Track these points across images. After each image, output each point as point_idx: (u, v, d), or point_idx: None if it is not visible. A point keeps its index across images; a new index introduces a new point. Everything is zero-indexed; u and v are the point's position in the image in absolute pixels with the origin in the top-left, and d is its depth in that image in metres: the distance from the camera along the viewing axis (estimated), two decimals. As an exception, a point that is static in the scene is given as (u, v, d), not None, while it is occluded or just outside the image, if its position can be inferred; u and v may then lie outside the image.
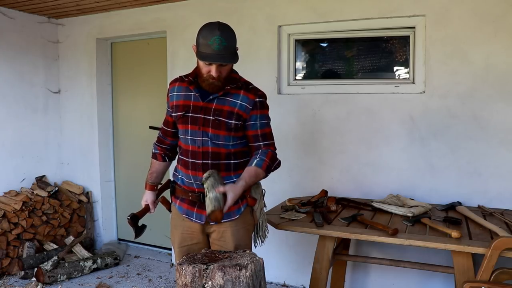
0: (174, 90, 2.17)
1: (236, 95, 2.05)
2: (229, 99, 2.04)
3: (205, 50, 1.91)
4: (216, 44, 1.88)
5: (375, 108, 3.20)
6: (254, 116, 2.07)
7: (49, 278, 3.55)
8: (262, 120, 2.10)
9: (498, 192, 2.88)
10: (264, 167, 2.03)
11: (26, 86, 4.27)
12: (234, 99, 2.05)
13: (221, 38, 1.89)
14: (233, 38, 1.96)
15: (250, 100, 2.05)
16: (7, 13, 4.03)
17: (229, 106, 2.04)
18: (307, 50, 3.61)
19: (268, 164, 2.05)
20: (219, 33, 1.89)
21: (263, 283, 1.88)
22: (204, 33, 1.92)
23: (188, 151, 2.09)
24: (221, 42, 1.89)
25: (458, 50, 2.93)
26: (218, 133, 2.04)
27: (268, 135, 2.13)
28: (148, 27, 4.01)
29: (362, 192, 3.23)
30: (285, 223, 2.51)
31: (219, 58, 1.91)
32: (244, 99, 2.05)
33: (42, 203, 4.01)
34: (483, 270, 2.07)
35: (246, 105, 2.05)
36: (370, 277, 3.30)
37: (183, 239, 2.16)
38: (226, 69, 2.00)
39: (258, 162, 2.03)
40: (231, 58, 1.95)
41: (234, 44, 1.96)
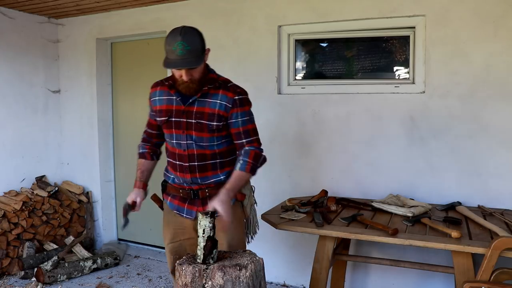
0: (156, 94, 2.20)
1: (215, 95, 2.07)
2: (209, 100, 2.07)
3: (170, 56, 1.95)
4: (179, 49, 1.92)
5: (375, 108, 3.20)
6: (235, 114, 2.09)
7: (49, 278, 3.55)
8: (243, 117, 2.11)
9: (498, 192, 2.88)
10: (247, 169, 2.05)
11: (26, 86, 4.27)
12: (214, 100, 2.07)
13: (183, 43, 1.92)
14: (197, 41, 1.98)
15: (229, 98, 2.07)
16: (7, 13, 4.03)
17: (209, 108, 2.06)
18: (307, 50, 3.61)
19: (251, 164, 2.06)
20: (181, 38, 1.92)
21: (263, 283, 1.88)
22: (168, 39, 1.96)
23: (175, 154, 2.15)
24: (184, 47, 1.92)
25: (458, 50, 2.93)
26: (202, 135, 2.08)
27: (251, 131, 2.13)
28: (148, 27, 4.01)
29: (362, 192, 3.23)
30: (285, 223, 2.51)
31: (182, 63, 1.94)
32: (223, 98, 2.07)
33: (42, 203, 4.01)
34: (483, 270, 2.07)
35: (225, 104, 2.07)
36: (370, 277, 3.30)
37: (175, 235, 2.21)
38: (197, 71, 2.02)
39: (241, 165, 2.06)
40: (195, 61, 1.96)
41: (199, 46, 1.98)
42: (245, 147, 2.11)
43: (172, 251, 2.21)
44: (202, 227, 1.81)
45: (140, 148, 2.35)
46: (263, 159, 2.14)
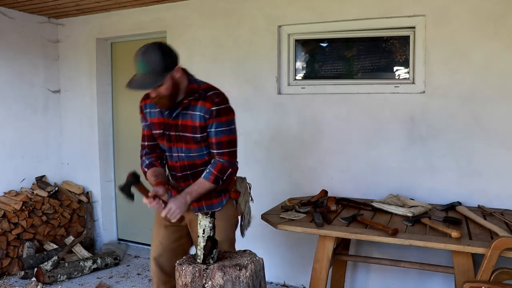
0: (147, 107, 2.23)
1: (195, 107, 2.07)
2: (191, 113, 2.08)
3: (134, 75, 1.96)
4: (140, 69, 1.93)
5: (375, 108, 3.20)
6: (210, 125, 2.08)
7: (49, 278, 3.54)
8: (218, 128, 2.08)
9: (498, 192, 2.88)
10: (211, 179, 2.09)
11: (26, 86, 4.27)
12: (195, 112, 2.07)
13: (143, 62, 1.92)
14: (158, 60, 1.92)
15: (207, 109, 2.06)
16: (7, 13, 4.03)
17: (191, 121, 2.08)
18: (307, 50, 3.61)
19: (215, 176, 2.09)
20: (141, 57, 1.93)
21: (263, 283, 1.88)
22: (134, 57, 1.96)
23: (169, 164, 2.25)
24: (144, 67, 1.92)
25: (458, 50, 2.93)
26: (190, 147, 2.13)
27: (224, 143, 2.10)
28: (148, 27, 4.01)
29: (362, 192, 3.23)
30: (285, 223, 2.51)
31: (138, 85, 1.94)
32: (202, 109, 2.06)
33: (42, 203, 4.01)
34: (483, 270, 2.07)
35: (203, 115, 2.07)
36: (370, 277, 3.30)
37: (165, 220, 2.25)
38: (164, 88, 1.98)
39: (206, 174, 2.10)
40: (153, 82, 1.93)
41: (161, 65, 1.93)
42: (215, 157, 2.12)
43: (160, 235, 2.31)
44: (202, 227, 1.81)
45: (146, 161, 2.28)
46: (230, 172, 2.13)
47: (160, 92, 1.99)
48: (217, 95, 2.08)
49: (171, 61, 1.98)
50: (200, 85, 2.11)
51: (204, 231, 1.81)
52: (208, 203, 2.23)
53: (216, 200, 2.23)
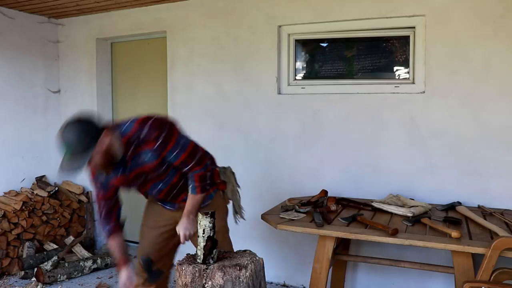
0: (100, 175, 2.17)
1: (141, 153, 2.05)
2: (142, 159, 2.07)
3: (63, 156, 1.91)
4: (65, 151, 1.88)
5: (375, 108, 3.20)
6: (165, 156, 2.08)
7: (49, 278, 3.54)
8: (173, 153, 2.07)
9: (498, 192, 2.88)
10: (198, 191, 2.17)
11: (26, 86, 4.27)
12: (143, 156, 2.06)
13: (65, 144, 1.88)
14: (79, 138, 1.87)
15: (153, 149, 2.04)
16: (7, 13, 4.03)
17: (147, 165, 2.08)
18: (307, 50, 3.61)
19: (199, 186, 2.16)
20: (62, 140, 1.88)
21: (263, 283, 1.88)
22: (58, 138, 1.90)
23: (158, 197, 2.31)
24: (68, 148, 1.87)
25: (458, 50, 2.93)
26: (161, 178, 2.18)
27: (187, 160, 2.11)
28: (148, 27, 4.01)
29: (362, 192, 3.22)
30: (285, 223, 2.51)
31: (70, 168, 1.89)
32: (149, 152, 2.05)
33: (42, 203, 4.01)
34: (483, 270, 2.07)
35: (152, 156, 2.06)
36: (370, 277, 3.30)
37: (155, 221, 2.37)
38: (96, 158, 1.93)
39: (192, 190, 2.17)
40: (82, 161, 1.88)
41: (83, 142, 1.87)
42: (189, 173, 2.16)
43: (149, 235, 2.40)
44: (202, 227, 1.81)
45: (105, 227, 2.27)
46: (209, 175, 2.20)
47: (96, 164, 1.95)
48: (150, 129, 2.02)
49: (92, 134, 1.89)
50: (129, 131, 2.03)
51: (204, 231, 1.81)
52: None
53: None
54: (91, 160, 1.91)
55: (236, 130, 3.65)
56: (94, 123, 1.92)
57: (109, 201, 2.22)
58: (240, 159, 3.61)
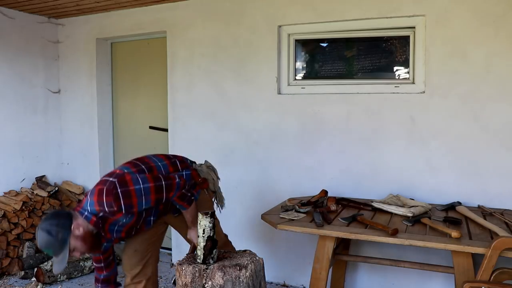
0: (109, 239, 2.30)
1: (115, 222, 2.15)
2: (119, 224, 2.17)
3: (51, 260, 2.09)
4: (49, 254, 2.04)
5: (375, 108, 3.20)
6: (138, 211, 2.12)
7: (49, 278, 3.55)
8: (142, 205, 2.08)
9: (498, 192, 2.88)
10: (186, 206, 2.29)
11: (26, 86, 4.26)
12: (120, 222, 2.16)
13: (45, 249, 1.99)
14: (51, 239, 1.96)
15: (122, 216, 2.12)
16: (7, 13, 4.03)
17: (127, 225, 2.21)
18: (307, 50, 3.61)
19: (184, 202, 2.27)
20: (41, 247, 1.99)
21: (263, 283, 1.88)
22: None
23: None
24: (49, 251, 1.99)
25: (458, 50, 2.93)
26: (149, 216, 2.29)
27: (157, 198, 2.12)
28: (148, 27, 4.01)
29: (362, 192, 3.22)
30: (285, 223, 2.51)
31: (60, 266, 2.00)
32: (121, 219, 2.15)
33: (42, 203, 4.01)
34: (483, 270, 2.07)
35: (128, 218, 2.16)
36: (370, 277, 3.30)
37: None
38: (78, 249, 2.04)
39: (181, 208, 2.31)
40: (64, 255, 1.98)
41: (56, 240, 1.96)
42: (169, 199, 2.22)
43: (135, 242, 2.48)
44: (202, 227, 1.81)
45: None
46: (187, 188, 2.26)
47: (83, 250, 2.05)
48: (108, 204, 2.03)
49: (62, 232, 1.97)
50: (94, 212, 2.06)
51: (204, 231, 1.81)
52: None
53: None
54: (75, 249, 2.02)
55: (236, 130, 3.65)
56: (59, 216, 2.02)
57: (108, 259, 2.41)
58: (240, 159, 3.61)
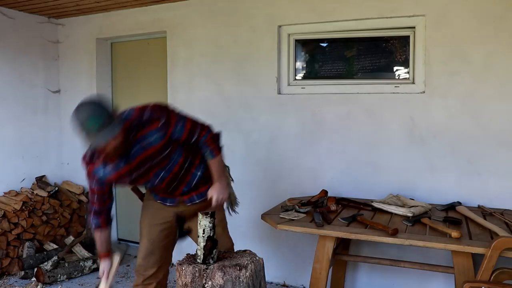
0: (99, 170, 2.14)
1: (146, 136, 2.05)
2: (145, 143, 2.06)
3: (88, 137, 1.86)
4: (92, 127, 1.82)
5: (375, 108, 3.20)
6: (172, 132, 2.09)
7: (49, 278, 3.54)
8: (177, 126, 2.09)
9: (498, 192, 2.88)
10: (215, 153, 2.22)
11: (26, 86, 4.26)
12: (149, 139, 2.06)
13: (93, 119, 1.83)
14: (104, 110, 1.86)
15: (156, 129, 2.05)
16: (7, 13, 4.03)
17: (152, 147, 2.07)
18: (307, 50, 3.61)
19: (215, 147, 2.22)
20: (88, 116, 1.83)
21: (263, 283, 1.88)
22: (76, 122, 1.85)
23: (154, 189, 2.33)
24: (96, 123, 1.82)
25: (458, 50, 2.93)
26: (164, 164, 2.17)
27: (191, 129, 2.15)
28: (148, 27, 4.01)
29: (362, 192, 3.22)
30: (285, 223, 2.51)
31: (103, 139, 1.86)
32: (154, 132, 2.05)
33: (42, 203, 4.01)
34: (483, 270, 2.07)
35: (158, 136, 2.06)
36: (370, 277, 3.30)
37: (153, 219, 2.37)
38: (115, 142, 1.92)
39: (209, 155, 2.22)
40: (113, 130, 1.86)
41: (107, 114, 1.86)
42: (200, 139, 2.19)
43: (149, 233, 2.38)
44: (202, 227, 1.81)
45: (93, 221, 2.28)
46: (217, 135, 2.25)
47: (117, 142, 1.91)
48: (151, 112, 2.05)
49: (112, 109, 1.92)
50: (130, 117, 2.04)
51: (204, 231, 1.81)
52: (197, 193, 2.33)
53: (203, 188, 2.31)
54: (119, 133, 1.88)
55: (236, 130, 3.65)
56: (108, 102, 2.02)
57: (102, 196, 2.24)
58: (240, 159, 3.61)
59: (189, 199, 2.33)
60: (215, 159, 2.23)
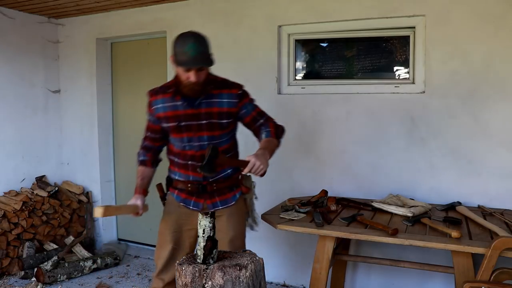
0: (158, 102, 2.22)
1: (220, 95, 2.17)
2: (215, 100, 2.16)
3: (182, 57, 2.02)
4: (192, 50, 2.00)
5: (375, 108, 3.20)
6: (243, 106, 2.21)
7: (49, 278, 3.55)
8: (251, 104, 2.25)
9: (498, 192, 2.88)
10: (273, 135, 2.19)
11: (26, 86, 4.26)
12: (220, 99, 2.17)
13: (195, 44, 2.01)
14: (207, 44, 2.07)
15: (235, 94, 2.19)
16: (7, 13, 4.03)
17: (218, 107, 2.16)
18: (307, 50, 3.61)
19: (274, 132, 2.21)
20: (193, 40, 2.02)
21: (263, 283, 1.88)
22: (179, 42, 2.04)
23: (186, 155, 2.21)
24: (196, 48, 2.00)
25: (458, 50, 2.93)
26: (213, 134, 2.17)
27: (262, 112, 2.28)
28: (148, 27, 4.01)
29: (362, 192, 3.23)
30: (285, 223, 2.51)
31: (196, 62, 2.02)
32: (229, 96, 2.18)
33: (42, 203, 4.01)
34: (483, 270, 2.07)
35: (233, 101, 2.18)
36: (370, 277, 3.30)
37: (178, 225, 2.28)
38: (204, 73, 2.09)
39: (266, 133, 2.20)
40: (207, 62, 2.06)
41: (208, 49, 2.07)
42: (264, 123, 2.23)
43: (173, 240, 2.28)
44: (202, 227, 1.81)
45: (141, 155, 2.36)
46: (282, 128, 2.28)
47: (200, 77, 2.06)
48: (236, 83, 2.25)
49: (210, 47, 2.10)
50: (216, 77, 2.22)
51: (204, 231, 1.81)
52: (222, 198, 2.27)
53: (229, 194, 2.28)
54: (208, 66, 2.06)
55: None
56: None
57: (154, 134, 2.29)
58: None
59: (212, 205, 2.25)
60: (269, 138, 2.18)
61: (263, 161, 1.98)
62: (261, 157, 1.99)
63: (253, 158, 1.97)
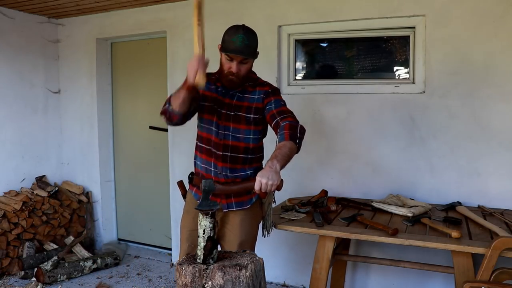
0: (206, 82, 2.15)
1: (253, 92, 2.24)
2: (248, 96, 2.23)
3: (228, 45, 2.11)
4: (239, 41, 2.08)
5: (375, 108, 3.20)
6: (269, 102, 2.21)
7: (49, 278, 3.54)
8: (276, 101, 2.21)
9: (498, 192, 2.88)
10: (287, 137, 2.01)
11: (26, 86, 4.26)
12: (252, 96, 2.23)
13: (243, 36, 2.09)
14: (255, 39, 2.15)
15: (265, 91, 2.23)
16: (7, 13, 4.03)
17: (248, 102, 2.22)
18: (307, 50, 3.61)
19: (289, 134, 2.02)
20: (243, 32, 2.10)
21: (263, 283, 1.88)
22: (230, 32, 2.14)
23: (210, 141, 2.23)
24: (243, 40, 2.09)
25: (458, 50, 2.93)
26: (239, 127, 2.20)
27: (284, 110, 2.18)
28: (148, 27, 4.01)
29: (362, 192, 3.23)
30: (285, 223, 2.51)
31: (239, 52, 2.09)
32: (260, 92, 2.23)
33: (42, 203, 4.01)
34: (483, 270, 2.07)
35: (261, 97, 2.22)
36: (370, 277, 3.30)
37: (195, 223, 2.22)
38: (246, 67, 2.16)
39: (280, 137, 2.04)
40: (250, 54, 2.13)
41: (255, 44, 2.16)
42: (280, 124, 2.10)
43: (189, 238, 2.29)
44: (202, 227, 1.81)
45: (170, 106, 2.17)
46: (301, 127, 2.11)
47: (241, 70, 2.13)
48: (272, 85, 2.31)
49: (258, 44, 2.18)
50: (258, 78, 2.30)
51: (204, 231, 1.81)
52: (238, 200, 2.24)
53: (246, 197, 2.24)
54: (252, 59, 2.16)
55: (236, 130, 3.65)
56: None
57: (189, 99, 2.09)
58: (240, 159, 3.60)
59: (227, 205, 2.23)
60: (284, 142, 1.99)
61: (271, 177, 1.82)
62: (269, 173, 1.84)
63: (259, 177, 1.84)
